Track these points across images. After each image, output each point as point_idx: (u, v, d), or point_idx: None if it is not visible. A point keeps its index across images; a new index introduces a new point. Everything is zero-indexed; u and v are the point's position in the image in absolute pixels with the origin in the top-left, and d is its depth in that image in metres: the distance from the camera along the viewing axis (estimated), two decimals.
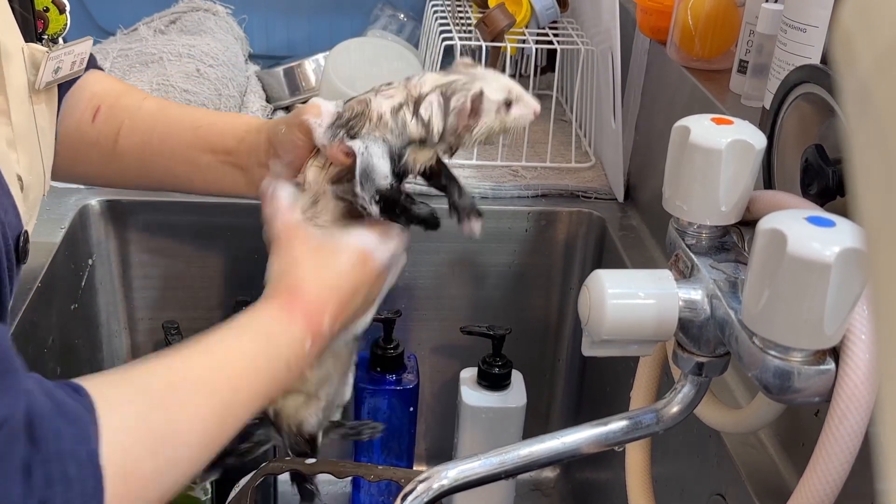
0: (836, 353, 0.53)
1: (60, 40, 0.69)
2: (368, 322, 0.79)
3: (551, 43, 1.17)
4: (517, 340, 1.12)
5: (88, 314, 1.06)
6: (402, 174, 0.73)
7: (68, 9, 0.69)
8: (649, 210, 1.08)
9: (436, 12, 1.22)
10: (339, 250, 0.71)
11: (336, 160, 0.73)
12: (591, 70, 1.16)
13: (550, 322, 1.17)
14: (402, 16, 1.38)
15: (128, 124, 0.81)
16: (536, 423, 1.18)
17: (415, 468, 1.15)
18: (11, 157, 0.62)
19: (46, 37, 0.68)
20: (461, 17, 1.22)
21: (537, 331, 1.17)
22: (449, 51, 1.16)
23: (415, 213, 0.74)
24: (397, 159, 0.72)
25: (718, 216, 0.63)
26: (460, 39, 1.14)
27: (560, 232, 1.12)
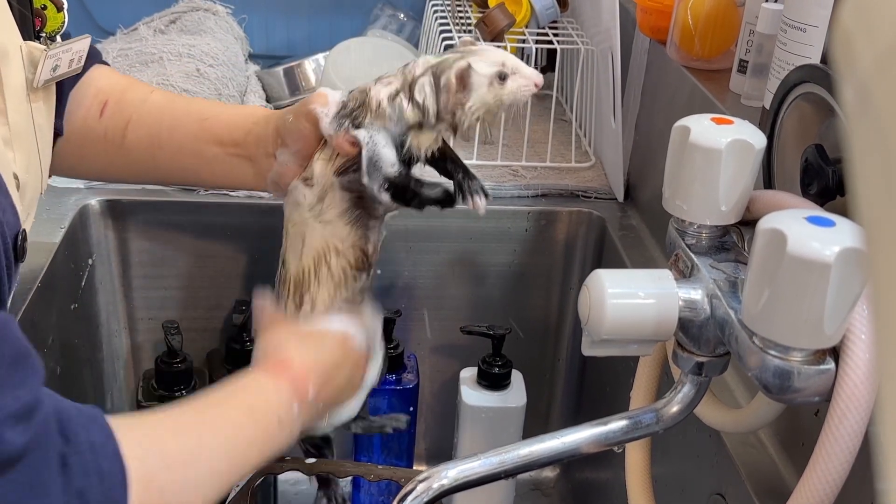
0: (835, 353, 0.53)
1: (58, 38, 0.69)
2: (356, 406, 0.82)
3: (551, 43, 1.17)
4: (517, 340, 1.12)
5: (88, 314, 1.06)
6: (409, 160, 0.73)
7: (66, 6, 0.69)
8: (649, 210, 1.08)
9: (436, 12, 1.22)
10: (319, 334, 0.76)
11: (342, 150, 0.73)
12: (591, 70, 1.16)
13: (550, 322, 1.17)
14: (401, 16, 1.38)
15: (135, 118, 0.81)
16: (536, 423, 1.18)
17: (415, 468, 1.15)
18: (8, 156, 0.62)
19: (44, 35, 0.68)
20: (461, 17, 1.22)
21: (537, 330, 1.17)
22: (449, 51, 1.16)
23: (426, 195, 0.75)
24: (401, 146, 0.72)
25: (718, 216, 0.62)
26: (460, 39, 1.14)
27: (560, 232, 1.12)
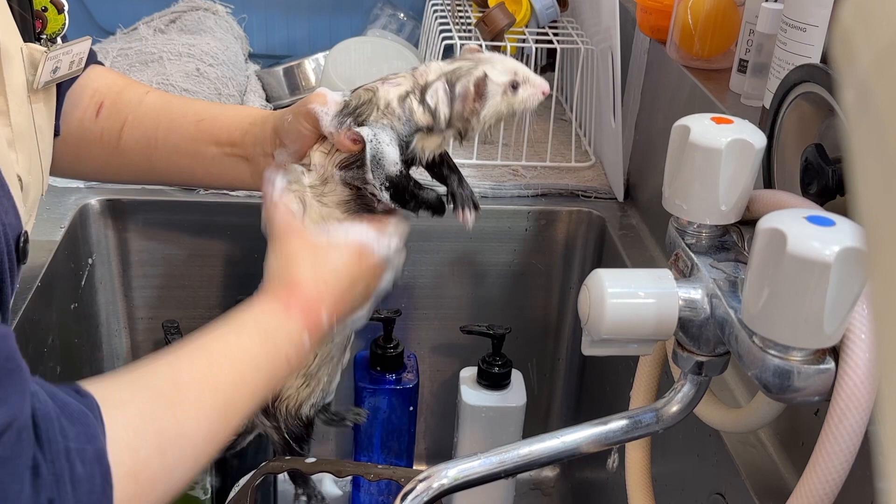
0: (835, 353, 0.53)
1: (59, 40, 0.69)
2: (367, 314, 0.79)
3: (551, 42, 1.17)
4: (517, 340, 1.12)
5: (88, 313, 1.06)
6: (410, 161, 0.74)
7: (66, 8, 0.69)
8: (649, 209, 1.08)
9: (435, 12, 1.22)
10: (335, 247, 0.72)
11: (344, 147, 0.73)
12: (590, 69, 1.16)
13: (550, 321, 1.17)
14: (401, 15, 1.38)
15: (132, 119, 0.81)
16: (536, 423, 1.18)
17: (415, 467, 1.15)
18: (11, 158, 0.62)
19: (45, 36, 0.68)
20: (461, 17, 1.22)
21: (537, 330, 1.17)
22: (449, 50, 1.15)
23: (423, 198, 0.75)
24: (405, 146, 0.73)
25: (718, 215, 0.63)
26: (460, 39, 1.14)
27: (560, 231, 1.12)
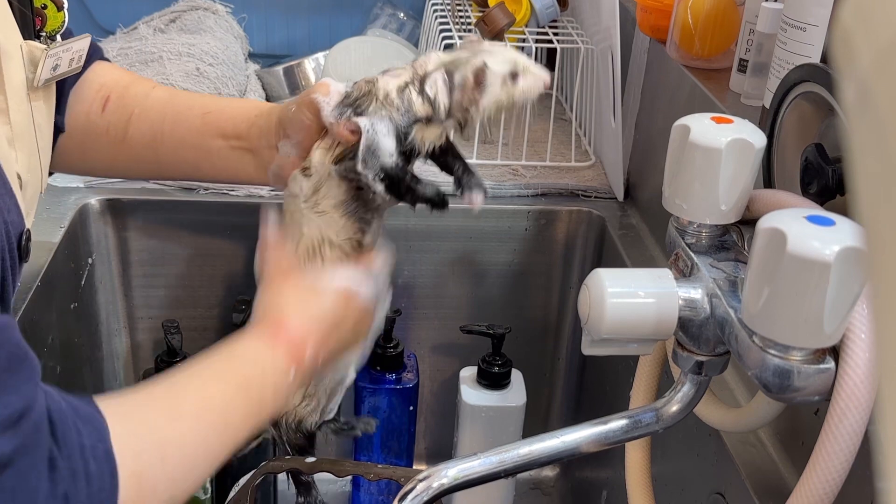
0: (835, 352, 0.53)
1: (58, 37, 0.69)
2: (366, 355, 0.81)
3: (551, 42, 1.17)
4: (517, 339, 1.12)
5: (88, 313, 1.06)
6: (409, 153, 0.73)
7: (66, 6, 0.69)
8: (649, 209, 1.08)
9: (435, 11, 1.22)
10: (322, 293, 0.74)
11: (342, 137, 0.73)
12: (590, 69, 1.16)
13: (550, 321, 1.17)
14: (401, 15, 1.38)
15: (138, 113, 0.82)
16: (536, 422, 1.18)
17: (414, 467, 1.15)
18: (11, 156, 0.62)
19: (44, 34, 0.68)
20: (461, 16, 1.22)
21: (537, 330, 1.17)
22: (449, 49, 1.16)
23: (420, 192, 0.74)
24: (403, 138, 0.72)
25: (718, 215, 0.62)
26: (460, 38, 1.14)
27: (560, 231, 1.12)
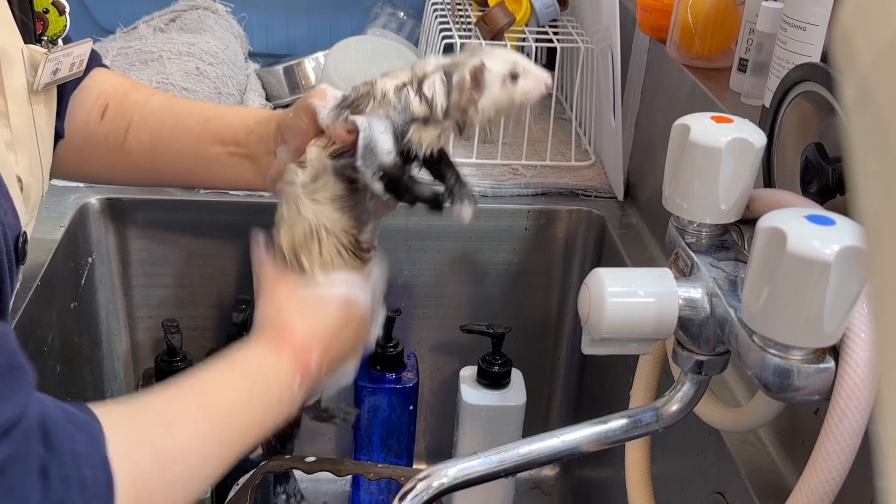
0: (835, 352, 0.53)
1: (60, 42, 0.69)
2: (355, 370, 0.81)
3: (551, 41, 1.17)
4: (517, 339, 1.12)
5: (88, 312, 1.06)
6: (407, 154, 0.73)
7: (68, 10, 0.69)
8: (649, 208, 1.08)
9: (435, 10, 1.22)
10: (323, 299, 0.73)
11: (339, 137, 0.73)
12: (590, 68, 1.16)
13: (550, 320, 1.17)
14: (401, 14, 1.38)
15: (137, 121, 0.82)
16: (536, 422, 1.18)
17: (414, 466, 1.15)
18: (11, 159, 0.62)
19: (46, 38, 0.68)
20: (461, 16, 1.22)
21: (537, 329, 1.17)
22: (449, 49, 1.15)
23: (418, 192, 0.74)
24: (400, 137, 0.72)
25: (718, 214, 0.62)
26: (460, 38, 1.14)
27: (560, 230, 1.12)
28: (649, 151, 1.08)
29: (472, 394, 1.06)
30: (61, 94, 0.74)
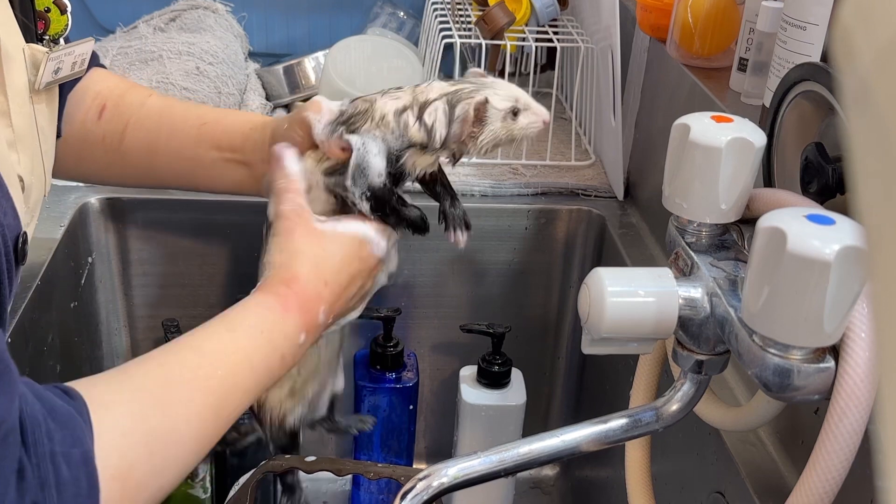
0: (835, 351, 0.53)
1: (62, 41, 0.69)
2: (356, 315, 0.79)
3: (551, 41, 1.17)
4: (517, 338, 1.12)
5: (88, 312, 1.06)
6: (398, 176, 0.73)
7: (69, 9, 0.69)
8: (649, 208, 1.08)
9: (435, 10, 1.22)
10: (338, 236, 0.72)
11: (333, 154, 0.73)
12: (590, 68, 1.16)
13: (550, 320, 1.17)
14: (401, 14, 1.38)
15: (134, 122, 0.81)
16: (536, 421, 1.18)
17: (414, 466, 1.15)
18: (12, 159, 0.62)
19: (48, 37, 0.68)
20: (461, 15, 1.22)
21: (537, 329, 1.17)
22: (449, 49, 1.16)
23: (404, 214, 0.75)
24: (394, 160, 0.72)
25: (718, 214, 0.62)
26: (460, 37, 1.14)
27: (560, 230, 1.12)
28: (649, 151, 1.08)
29: (472, 393, 1.06)
30: (59, 94, 0.74)
